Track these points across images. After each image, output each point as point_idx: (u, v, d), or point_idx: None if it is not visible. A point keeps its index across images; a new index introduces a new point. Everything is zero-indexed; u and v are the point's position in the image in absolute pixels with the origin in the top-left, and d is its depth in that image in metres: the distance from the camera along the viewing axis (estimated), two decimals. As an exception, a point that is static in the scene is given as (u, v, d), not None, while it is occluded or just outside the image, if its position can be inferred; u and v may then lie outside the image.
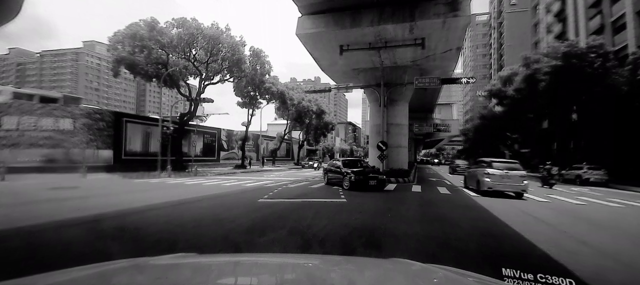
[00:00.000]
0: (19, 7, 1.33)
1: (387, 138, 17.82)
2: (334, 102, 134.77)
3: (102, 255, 3.95)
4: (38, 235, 5.01)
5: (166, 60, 22.13)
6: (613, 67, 20.41)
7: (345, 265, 1.59)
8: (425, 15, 13.93)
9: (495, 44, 65.31)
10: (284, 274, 1.36)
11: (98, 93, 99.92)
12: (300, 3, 14.88)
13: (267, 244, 4.66)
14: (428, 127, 43.68)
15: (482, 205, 9.05)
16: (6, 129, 18.94)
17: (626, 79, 19.26)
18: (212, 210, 7.56)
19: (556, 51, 21.46)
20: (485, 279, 1.34)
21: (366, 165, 14.84)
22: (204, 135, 32.56)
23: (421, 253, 4.37)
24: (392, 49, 16.17)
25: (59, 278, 1.09)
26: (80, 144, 20.28)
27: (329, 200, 9.27)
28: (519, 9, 55.79)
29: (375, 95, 18.84)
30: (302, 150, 48.54)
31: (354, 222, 6.30)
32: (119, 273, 1.21)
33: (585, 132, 23.42)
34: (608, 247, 5.07)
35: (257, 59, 26.04)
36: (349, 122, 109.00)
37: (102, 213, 6.75)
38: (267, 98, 31.15)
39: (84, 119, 20.84)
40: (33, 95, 25.42)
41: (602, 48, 20.34)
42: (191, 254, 1.64)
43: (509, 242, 5.27)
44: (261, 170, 28.92)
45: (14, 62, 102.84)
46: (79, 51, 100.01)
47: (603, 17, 26.79)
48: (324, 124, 41.82)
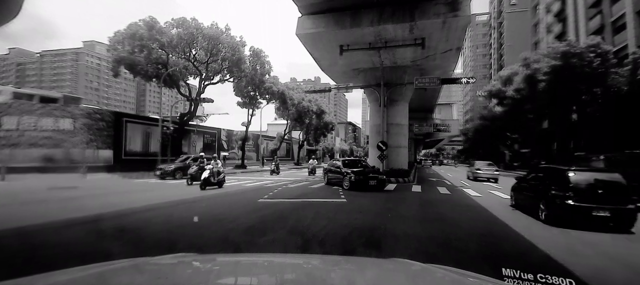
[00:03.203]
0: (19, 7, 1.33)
1: (387, 138, 17.82)
2: (334, 102, 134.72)
3: (102, 256, 3.95)
4: (38, 235, 5.01)
5: (166, 60, 22.13)
6: (613, 67, 20.42)
7: (345, 265, 1.59)
8: (425, 15, 13.91)
9: (495, 44, 65.30)
10: (284, 274, 1.36)
11: (98, 93, 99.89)
12: (300, 3, 14.87)
13: (267, 244, 4.66)
14: (428, 127, 43.60)
15: (482, 205, 9.06)
16: (6, 129, 18.94)
17: (626, 79, 19.26)
18: (212, 210, 7.56)
19: (556, 51, 21.48)
20: (485, 279, 1.34)
21: (366, 165, 14.84)
22: (204, 135, 32.56)
23: (421, 253, 4.37)
24: (392, 49, 16.17)
25: (59, 278, 1.09)
26: (80, 144, 20.27)
27: (329, 200, 9.27)
28: (519, 9, 55.77)
29: (375, 95, 18.84)
30: (302, 150, 48.51)
31: (354, 222, 6.30)
32: (119, 273, 1.21)
33: (585, 132, 23.42)
34: (608, 247, 5.07)
35: (257, 59, 26.03)
36: (349, 122, 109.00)
37: (102, 213, 6.75)
38: (267, 98, 31.13)
39: (84, 119, 20.83)
40: (33, 95, 25.45)
41: (600, 47, 20.34)
42: (191, 254, 1.64)
43: (509, 242, 5.27)
44: (261, 170, 28.91)
45: (14, 62, 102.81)
46: (79, 51, 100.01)
47: (603, 17, 26.79)
48: (324, 124, 41.82)
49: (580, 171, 6.65)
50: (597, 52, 20.11)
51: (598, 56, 19.99)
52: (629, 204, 5.97)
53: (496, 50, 64.42)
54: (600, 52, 20.10)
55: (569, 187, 6.20)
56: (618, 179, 6.29)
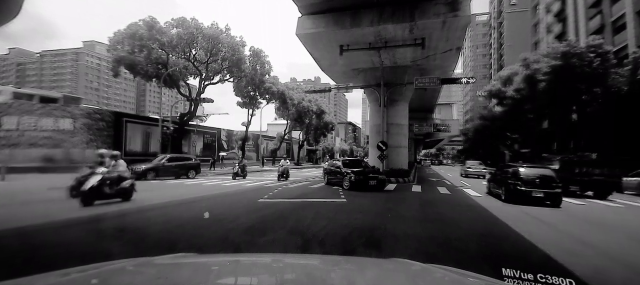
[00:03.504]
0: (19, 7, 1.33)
1: (387, 138, 17.82)
2: (334, 102, 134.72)
3: (102, 256, 3.95)
4: (38, 235, 5.01)
5: (166, 60, 22.13)
6: (613, 67, 20.41)
7: (345, 265, 1.59)
8: (425, 15, 13.91)
9: (495, 44, 65.29)
10: (284, 274, 1.36)
11: (98, 93, 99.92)
12: (300, 3, 14.87)
13: (267, 244, 4.66)
14: (428, 127, 43.63)
15: (482, 205, 9.08)
16: (6, 129, 18.94)
17: (626, 79, 19.25)
18: (212, 210, 7.56)
19: (556, 51, 21.47)
20: (485, 279, 1.34)
21: (366, 165, 14.84)
22: (204, 135, 32.55)
23: (421, 253, 4.37)
24: (392, 49, 16.17)
25: (59, 278, 1.09)
26: (80, 144, 20.26)
27: (329, 200, 9.28)
28: (519, 9, 55.75)
29: (375, 95, 18.84)
30: (302, 150, 48.51)
31: (354, 222, 6.31)
32: (119, 273, 1.21)
33: (585, 132, 23.41)
34: (608, 247, 5.07)
35: (257, 59, 26.03)
36: (349, 122, 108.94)
37: (102, 213, 6.75)
38: (267, 98, 31.14)
39: (84, 119, 20.83)
40: (33, 95, 25.45)
41: (601, 47, 20.33)
42: (191, 254, 1.65)
43: (509, 242, 5.27)
44: (261, 170, 28.90)
45: (14, 62, 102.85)
46: (79, 51, 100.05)
47: (603, 17, 26.79)
48: (324, 124, 41.82)
49: (527, 167, 10.15)
50: (598, 52, 20.10)
51: (598, 56, 19.99)
52: (556, 188, 9.21)
53: (496, 50, 64.41)
54: (600, 52, 20.09)
55: (519, 178, 9.56)
56: (549, 173, 9.76)
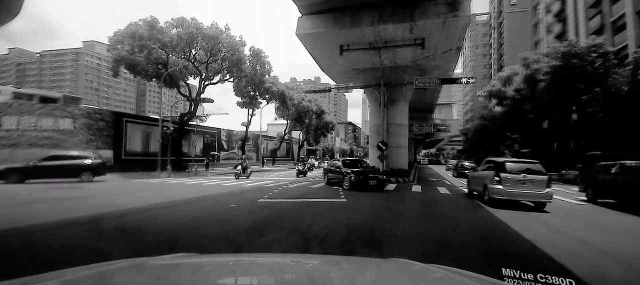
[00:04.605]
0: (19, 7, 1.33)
1: (387, 138, 17.82)
2: (334, 102, 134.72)
3: (102, 256, 3.95)
4: (38, 236, 5.01)
5: (166, 60, 22.12)
6: (613, 67, 20.41)
7: (345, 265, 1.59)
8: (425, 15, 13.91)
9: (495, 44, 65.28)
10: (284, 274, 1.36)
11: (98, 93, 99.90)
12: (300, 3, 14.87)
13: (267, 244, 4.66)
14: (428, 127, 43.63)
15: (482, 205, 9.06)
16: (6, 129, 18.93)
17: (626, 79, 19.26)
18: (212, 210, 7.56)
19: (556, 51, 21.47)
20: (485, 279, 1.34)
21: (366, 165, 14.84)
22: (204, 135, 32.54)
23: (421, 253, 4.37)
24: (392, 49, 16.17)
25: (59, 278, 1.09)
26: (80, 144, 20.24)
27: (329, 200, 9.28)
28: (519, 9, 55.74)
29: (375, 95, 18.84)
30: (302, 150, 48.52)
31: (354, 222, 6.31)
32: (119, 273, 1.21)
33: (585, 132, 23.42)
34: (608, 247, 5.07)
35: (257, 59, 26.02)
36: (349, 122, 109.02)
37: (102, 213, 6.75)
38: (267, 98, 31.13)
39: (84, 119, 20.81)
40: (33, 95, 25.43)
41: (602, 47, 20.34)
42: (191, 254, 1.65)
43: (509, 242, 5.27)
44: (261, 170, 28.89)
45: (14, 62, 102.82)
46: (79, 51, 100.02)
47: (603, 17, 26.79)
48: (324, 124, 41.82)
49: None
50: (598, 52, 20.11)
51: (599, 56, 20.00)
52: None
53: (496, 50, 64.41)
54: (602, 53, 20.09)
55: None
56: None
